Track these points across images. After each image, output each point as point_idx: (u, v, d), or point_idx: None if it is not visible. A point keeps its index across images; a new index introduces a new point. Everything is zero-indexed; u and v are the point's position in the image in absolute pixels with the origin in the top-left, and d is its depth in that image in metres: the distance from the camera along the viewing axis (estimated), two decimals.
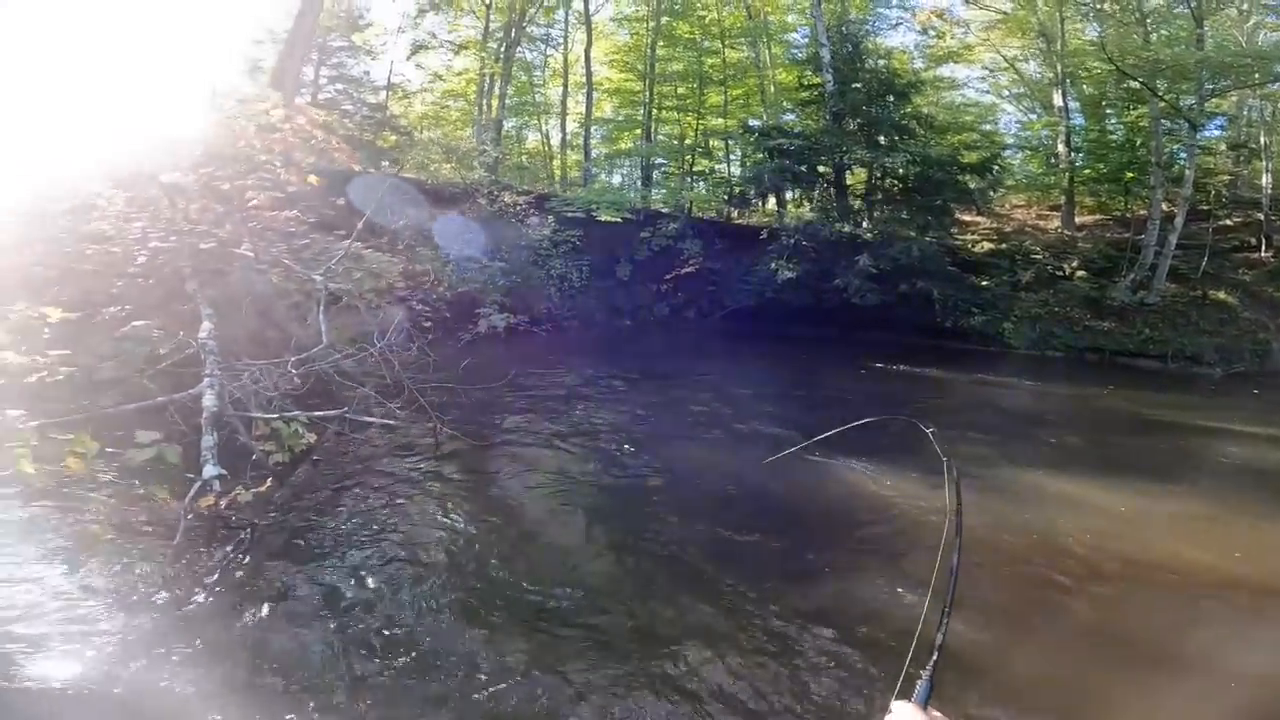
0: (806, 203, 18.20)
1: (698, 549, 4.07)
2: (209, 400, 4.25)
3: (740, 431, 7.10)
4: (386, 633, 3.03)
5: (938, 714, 1.03)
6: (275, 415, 4.37)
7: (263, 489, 3.75)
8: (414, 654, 2.88)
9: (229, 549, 3.51)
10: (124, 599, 3.05)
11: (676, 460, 5.98)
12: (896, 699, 1.06)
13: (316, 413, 4.94)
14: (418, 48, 23.18)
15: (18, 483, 3.44)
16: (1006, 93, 22.16)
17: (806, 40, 21.27)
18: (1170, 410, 9.52)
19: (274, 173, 6.23)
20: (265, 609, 3.16)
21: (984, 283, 14.29)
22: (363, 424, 5.25)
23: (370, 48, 23.05)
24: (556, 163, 23.88)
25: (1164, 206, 14.43)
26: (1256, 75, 14.16)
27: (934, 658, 1.15)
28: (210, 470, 3.74)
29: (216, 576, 3.33)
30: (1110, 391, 10.50)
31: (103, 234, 5.25)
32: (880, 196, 16.16)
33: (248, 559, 3.52)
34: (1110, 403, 9.93)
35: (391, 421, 5.38)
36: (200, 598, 3.18)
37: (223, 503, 3.50)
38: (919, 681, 1.10)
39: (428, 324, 7.61)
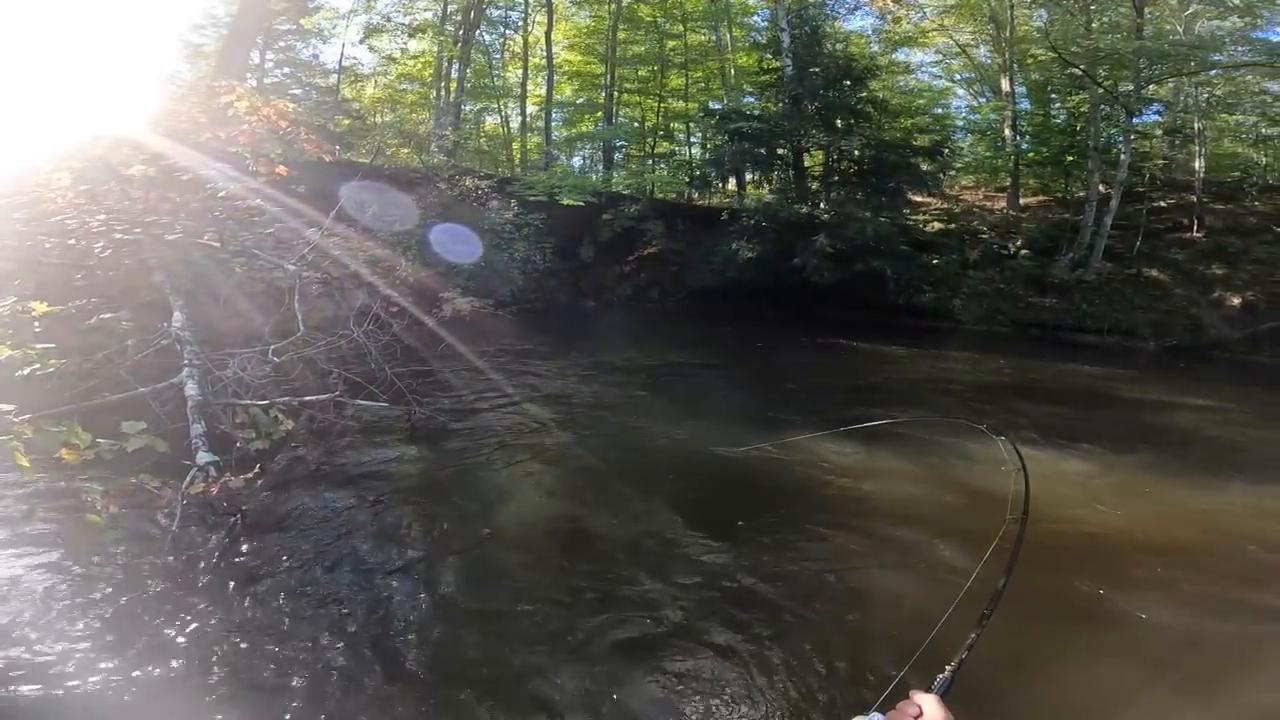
0: (766, 184, 18.52)
1: (686, 534, 4.10)
2: (191, 389, 4.28)
3: (708, 413, 7.33)
4: (374, 620, 3.13)
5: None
6: (265, 401, 4.43)
7: (249, 475, 3.86)
8: (401, 643, 2.98)
9: (221, 535, 3.60)
10: (127, 587, 3.14)
11: (636, 440, 6.13)
12: (914, 688, 1.02)
13: (308, 397, 4.98)
14: (372, 31, 22.67)
15: (11, 476, 3.48)
16: (958, 76, 22.79)
17: (766, 24, 21.52)
18: (1105, 381, 10.08)
19: (241, 164, 6.24)
20: (260, 595, 3.25)
21: (935, 261, 14.84)
22: (342, 408, 5.34)
23: (321, 31, 22.48)
24: (516, 146, 23.72)
25: (1101, 189, 15.12)
26: (1192, 64, 14.80)
27: (962, 654, 1.13)
28: (204, 457, 3.82)
29: (213, 562, 3.42)
30: (1046, 364, 11.10)
31: (64, 227, 5.20)
32: (837, 178, 16.56)
33: (239, 545, 3.63)
34: (1049, 375, 10.50)
35: (379, 404, 5.43)
36: (200, 583, 3.27)
37: (214, 489, 3.57)
38: (940, 675, 1.08)
39: (394, 309, 7.69)
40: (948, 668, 1.11)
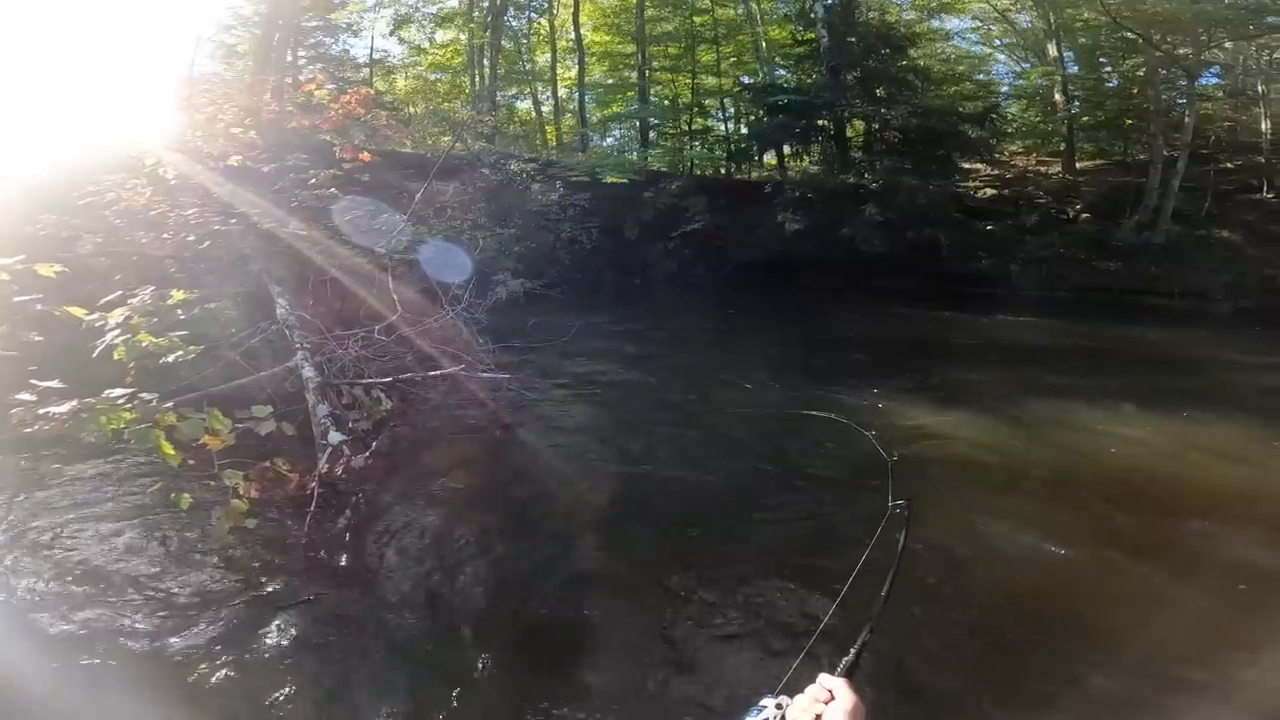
0: (806, 157, 18.19)
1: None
2: (309, 371, 4.31)
3: (756, 386, 7.19)
4: (515, 596, 3.14)
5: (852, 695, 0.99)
6: (387, 379, 4.44)
7: (367, 455, 3.80)
8: (539, 624, 2.99)
9: (348, 515, 3.58)
10: (274, 567, 3.17)
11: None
12: (821, 671, 1.04)
13: (434, 371, 5.04)
14: (400, 22, 22.67)
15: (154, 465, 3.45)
16: (998, 42, 22.07)
17: None
18: (1180, 345, 9.65)
19: (329, 151, 6.26)
20: (396, 572, 3.26)
21: (989, 227, 14.41)
22: (433, 385, 5.32)
23: (350, 25, 22.52)
24: (550, 129, 23.60)
25: (1164, 151, 14.52)
26: (1251, 26, 14.17)
27: (863, 636, 1.15)
28: (336, 436, 3.83)
29: (347, 540, 3.44)
30: (1118, 327, 10.67)
31: (159, 220, 5.23)
32: (883, 148, 16.17)
33: (367, 524, 3.61)
34: (1119, 338, 10.08)
35: (503, 375, 5.49)
36: (341, 562, 3.28)
37: (339, 469, 3.56)
38: (845, 657, 1.09)
39: (460, 290, 7.68)
40: (851, 649, 1.11)
